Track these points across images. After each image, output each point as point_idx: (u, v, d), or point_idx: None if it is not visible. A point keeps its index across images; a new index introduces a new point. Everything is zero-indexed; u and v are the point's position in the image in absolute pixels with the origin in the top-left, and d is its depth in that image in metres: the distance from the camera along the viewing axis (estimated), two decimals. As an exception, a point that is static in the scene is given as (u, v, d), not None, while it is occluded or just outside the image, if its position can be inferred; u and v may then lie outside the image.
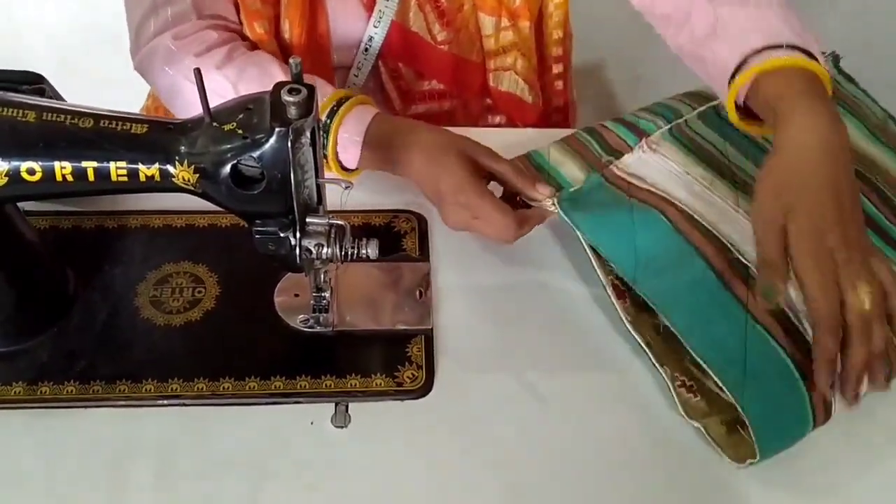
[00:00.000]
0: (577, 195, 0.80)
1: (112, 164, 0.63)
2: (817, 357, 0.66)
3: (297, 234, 0.66)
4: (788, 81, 0.71)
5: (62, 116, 0.63)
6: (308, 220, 0.67)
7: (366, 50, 0.99)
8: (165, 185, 0.65)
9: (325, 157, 0.80)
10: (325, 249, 0.67)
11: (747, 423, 0.67)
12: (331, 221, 0.67)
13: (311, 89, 0.62)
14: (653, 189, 0.80)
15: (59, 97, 0.75)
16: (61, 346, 0.75)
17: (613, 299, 0.76)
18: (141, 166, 0.64)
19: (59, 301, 0.77)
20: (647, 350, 0.74)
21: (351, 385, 0.74)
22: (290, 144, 0.61)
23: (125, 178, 0.64)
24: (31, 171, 0.63)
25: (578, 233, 0.77)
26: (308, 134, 0.62)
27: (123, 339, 0.76)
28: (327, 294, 0.76)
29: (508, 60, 1.01)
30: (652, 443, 0.73)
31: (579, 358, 0.78)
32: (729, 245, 0.75)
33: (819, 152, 0.67)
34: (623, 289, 0.77)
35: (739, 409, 0.67)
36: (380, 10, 0.95)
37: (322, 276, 0.75)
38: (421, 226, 0.87)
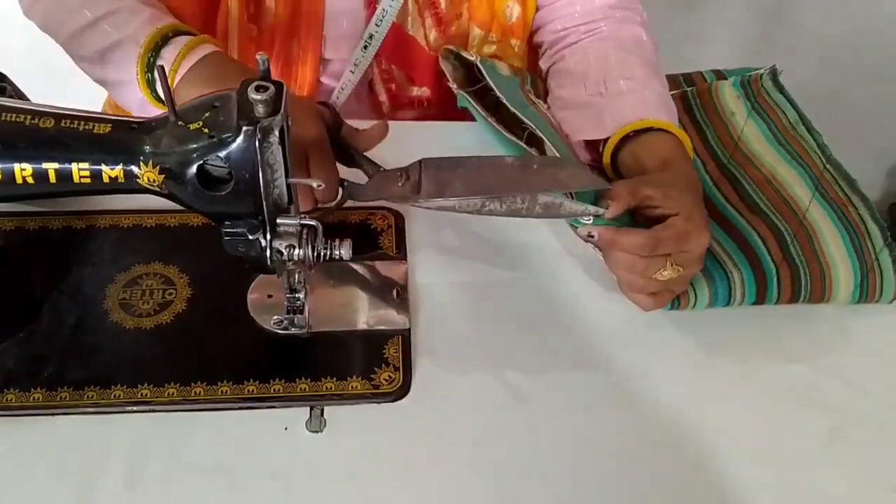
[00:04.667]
0: (498, 68, 0.94)
1: (74, 166, 0.61)
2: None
3: (268, 236, 0.65)
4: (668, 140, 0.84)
5: (22, 116, 0.61)
6: (279, 220, 0.65)
7: (365, 47, 0.97)
8: (130, 186, 0.63)
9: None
10: (296, 251, 0.65)
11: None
12: (302, 222, 0.65)
13: (280, 86, 0.60)
14: (546, 114, 0.91)
15: (21, 96, 0.72)
16: (27, 352, 0.73)
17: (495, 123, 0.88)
18: (104, 167, 0.62)
19: (26, 305, 0.75)
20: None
21: (326, 388, 0.72)
22: (257, 144, 0.59)
23: (88, 180, 0.62)
24: (-10, 174, 0.61)
25: (488, 79, 0.89)
26: (276, 132, 0.60)
27: (92, 343, 0.74)
28: (301, 295, 0.74)
29: None
30: (637, 443, 0.72)
31: (561, 357, 0.77)
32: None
33: (698, 185, 0.82)
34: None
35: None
36: (383, 9, 0.94)
37: (296, 276, 0.73)
38: (398, 223, 0.85)
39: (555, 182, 0.74)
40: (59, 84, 0.90)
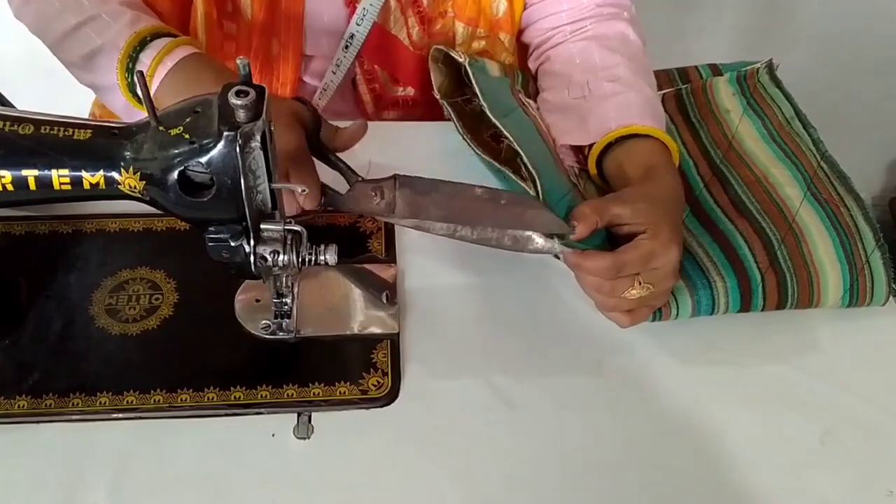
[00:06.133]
0: (487, 68, 0.92)
1: (54, 172, 0.61)
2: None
3: (251, 242, 0.64)
4: (651, 146, 0.83)
5: (1, 123, 0.60)
6: (262, 226, 0.64)
7: (346, 47, 0.96)
8: (111, 192, 0.62)
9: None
10: (280, 257, 0.65)
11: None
12: (286, 227, 0.65)
13: (261, 91, 0.59)
14: (535, 115, 0.90)
15: (3, 102, 0.71)
16: (12, 359, 0.72)
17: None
18: (84, 174, 0.61)
19: (10, 311, 0.75)
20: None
21: (314, 394, 0.72)
22: (238, 149, 0.58)
23: (69, 187, 0.61)
24: (-31, 181, 0.60)
25: (475, 83, 0.86)
26: (258, 137, 0.60)
27: (77, 349, 0.73)
28: (289, 299, 0.74)
29: None
30: (627, 449, 0.71)
31: (551, 362, 0.76)
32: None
33: (676, 195, 0.80)
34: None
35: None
36: (363, 8, 0.93)
37: (283, 281, 0.72)
38: (388, 226, 0.84)
39: (519, 220, 0.73)
40: (56, 88, 0.89)
